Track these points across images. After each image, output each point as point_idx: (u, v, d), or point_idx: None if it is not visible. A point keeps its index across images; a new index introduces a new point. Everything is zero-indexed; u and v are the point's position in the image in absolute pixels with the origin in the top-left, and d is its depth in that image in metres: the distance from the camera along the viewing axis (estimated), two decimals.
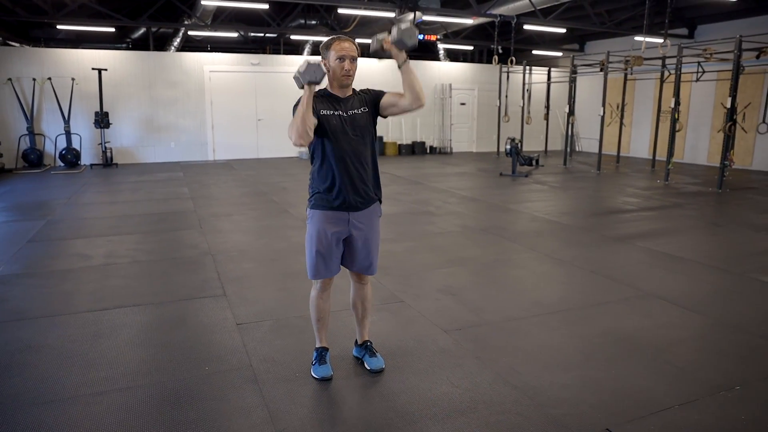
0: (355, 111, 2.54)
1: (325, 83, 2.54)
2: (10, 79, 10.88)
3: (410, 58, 2.51)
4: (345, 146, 2.49)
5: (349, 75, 2.48)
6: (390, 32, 2.49)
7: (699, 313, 3.49)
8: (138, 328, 3.26)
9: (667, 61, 10.69)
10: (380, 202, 2.69)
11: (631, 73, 11.60)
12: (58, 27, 12.33)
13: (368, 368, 2.73)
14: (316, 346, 2.75)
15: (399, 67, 2.48)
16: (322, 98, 2.51)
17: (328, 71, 2.48)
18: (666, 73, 10.75)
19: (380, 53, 2.55)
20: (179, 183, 9.16)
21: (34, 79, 11.03)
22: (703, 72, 9.75)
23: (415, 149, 14.55)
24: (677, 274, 4.34)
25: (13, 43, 12.36)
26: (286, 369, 2.75)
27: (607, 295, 3.83)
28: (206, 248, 5.04)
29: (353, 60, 2.47)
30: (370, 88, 2.67)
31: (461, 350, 2.96)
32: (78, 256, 4.78)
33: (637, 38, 11.70)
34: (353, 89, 2.59)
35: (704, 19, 12.09)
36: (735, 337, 3.16)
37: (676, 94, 9.18)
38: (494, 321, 3.36)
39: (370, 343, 2.82)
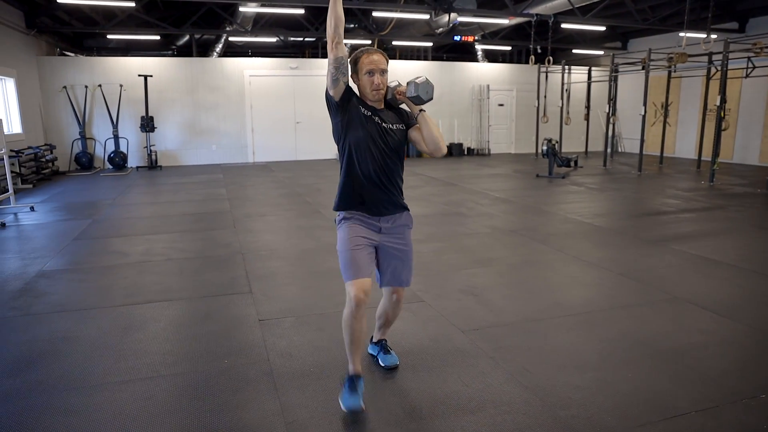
0: (392, 125, 2.45)
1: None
2: (65, 87, 11.50)
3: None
4: (377, 158, 2.39)
5: (380, 89, 2.39)
6: (404, 84, 2.45)
7: (730, 318, 3.36)
8: (166, 322, 3.40)
9: (714, 57, 10.28)
10: (408, 209, 2.57)
11: (675, 71, 11.21)
12: (108, 36, 12.92)
13: (382, 365, 2.76)
14: (349, 372, 2.42)
15: (415, 119, 2.46)
16: (361, 101, 2.43)
17: (357, 85, 2.45)
18: (713, 70, 10.34)
19: (394, 102, 2.51)
20: (218, 184, 9.45)
21: (86, 86, 11.62)
22: (754, 67, 9.34)
23: (452, 151, 14.50)
24: (711, 278, 4.19)
25: (68, 53, 13.04)
26: (301, 364, 2.82)
27: (633, 298, 3.74)
28: (238, 247, 5.20)
29: (383, 73, 2.38)
30: (405, 108, 2.56)
31: (476, 350, 2.96)
32: (117, 254, 5.02)
33: (682, 34, 11.31)
34: (385, 102, 2.51)
35: (756, 12, 11.55)
36: (767, 343, 3.03)
37: (722, 91, 8.83)
38: (513, 322, 3.34)
39: (386, 341, 2.86)
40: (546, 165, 11.04)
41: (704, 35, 9.48)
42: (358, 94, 2.46)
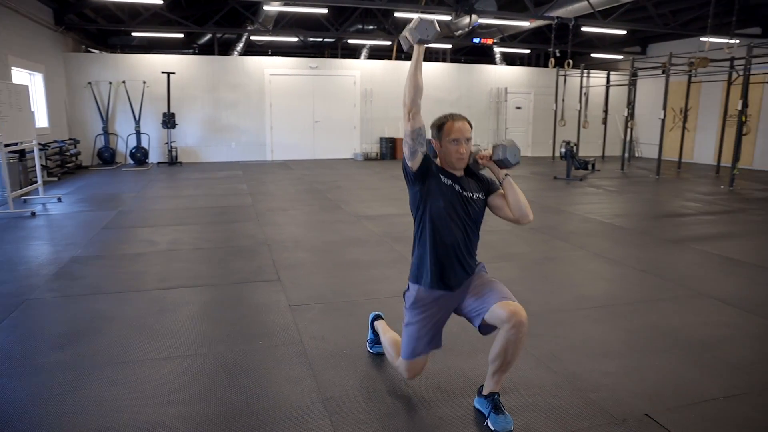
0: (473, 195, 2.30)
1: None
2: (90, 83, 11.73)
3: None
4: (456, 232, 2.25)
5: (463, 158, 2.26)
6: (486, 148, 2.35)
7: (755, 314, 3.39)
8: (199, 306, 3.50)
9: (737, 62, 10.25)
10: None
11: (695, 75, 11.17)
12: (133, 34, 13.15)
13: (493, 428, 2.16)
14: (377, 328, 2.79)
15: (500, 183, 2.32)
16: (441, 170, 2.30)
17: (439, 151, 2.31)
18: (734, 75, 10.30)
19: (474, 167, 2.35)
20: (238, 180, 9.59)
21: (110, 83, 11.84)
22: None
23: None
24: (734, 276, 4.21)
25: (93, 50, 13.29)
26: (334, 346, 2.90)
27: (656, 293, 3.78)
28: (263, 239, 5.30)
29: (468, 141, 2.26)
30: (484, 174, 2.41)
31: None
32: (146, 242, 5.14)
33: (705, 39, 11.27)
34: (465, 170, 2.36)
35: None
36: None
37: (744, 96, 8.80)
38: (539, 312, 3.39)
39: (498, 395, 2.26)
40: (563, 167, 11.06)
41: (726, 40, 9.46)
42: (438, 162, 2.33)
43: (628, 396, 2.39)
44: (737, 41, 8.66)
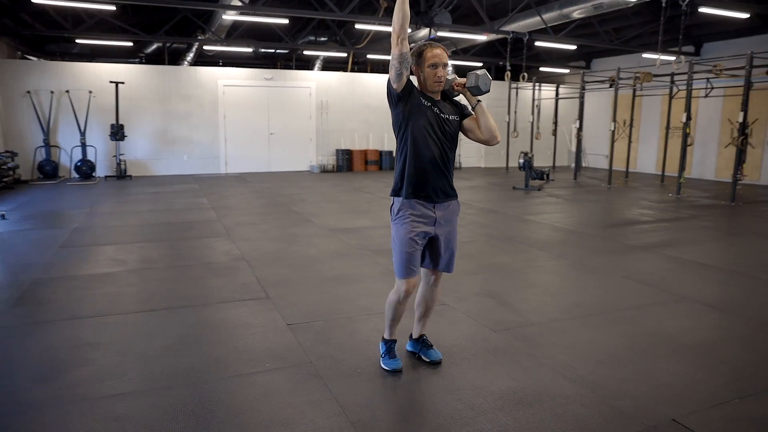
0: (449, 116, 2.61)
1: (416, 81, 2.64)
2: (28, 92, 11.01)
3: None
4: (434, 147, 2.53)
5: (441, 81, 2.55)
6: (464, 76, 2.65)
7: (740, 317, 3.56)
8: (190, 327, 3.30)
9: (676, 77, 10.88)
10: (457, 196, 2.73)
11: (641, 90, 11.78)
12: (77, 41, 12.49)
13: (427, 360, 2.82)
14: (386, 338, 2.80)
15: (472, 109, 2.65)
16: (421, 93, 2.57)
17: (419, 77, 2.58)
18: (674, 89, 10.94)
19: (450, 93, 2.69)
20: (196, 194, 9.24)
21: (51, 92, 11.15)
22: (712, 88, 9.93)
23: None
24: (708, 280, 4.42)
25: (30, 57, 12.52)
26: (346, 366, 2.80)
27: (644, 299, 3.90)
28: (239, 254, 5.10)
29: (444, 66, 2.54)
30: (458, 100, 2.75)
31: (513, 348, 3.02)
32: (112, 261, 4.83)
33: (646, 55, 11.92)
34: (441, 94, 2.66)
35: (710, 37, 12.34)
36: None
37: (688, 109, 9.34)
38: (539, 322, 3.42)
39: (426, 336, 2.90)
40: (520, 178, 11.36)
41: (665, 57, 10.02)
42: (417, 86, 2.59)
43: (650, 402, 2.43)
44: (674, 58, 9.18)
